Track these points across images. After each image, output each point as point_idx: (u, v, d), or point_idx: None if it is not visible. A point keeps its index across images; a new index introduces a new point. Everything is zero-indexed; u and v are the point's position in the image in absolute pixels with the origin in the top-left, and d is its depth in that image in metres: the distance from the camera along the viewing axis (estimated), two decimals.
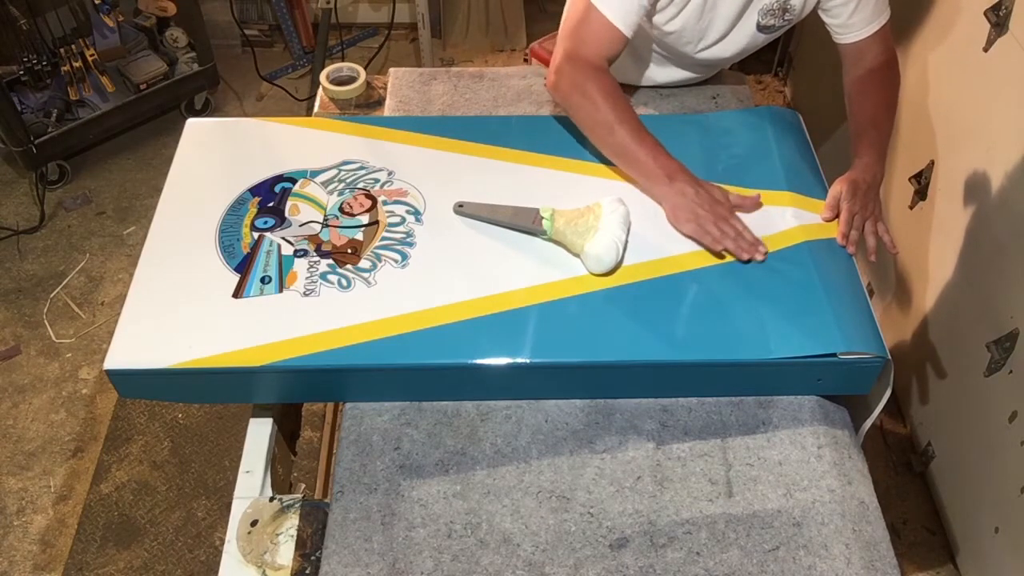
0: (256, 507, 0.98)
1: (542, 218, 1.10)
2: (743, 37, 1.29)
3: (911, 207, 1.77)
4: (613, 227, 1.07)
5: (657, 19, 1.24)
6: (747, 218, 1.14)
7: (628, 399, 1.05)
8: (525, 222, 1.11)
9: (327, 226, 1.13)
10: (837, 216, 1.13)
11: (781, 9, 1.24)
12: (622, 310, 1.03)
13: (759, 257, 1.07)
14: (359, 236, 1.12)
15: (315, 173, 1.21)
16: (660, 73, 1.43)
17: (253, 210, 1.15)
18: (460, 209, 1.15)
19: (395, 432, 1.02)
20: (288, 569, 0.92)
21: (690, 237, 1.11)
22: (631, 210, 1.13)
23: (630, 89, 1.45)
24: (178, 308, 1.03)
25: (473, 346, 0.99)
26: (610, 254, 1.05)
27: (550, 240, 1.11)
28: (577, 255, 1.08)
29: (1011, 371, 1.43)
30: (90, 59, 2.31)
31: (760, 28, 1.27)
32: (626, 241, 1.09)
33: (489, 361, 0.99)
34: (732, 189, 1.18)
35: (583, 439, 1.01)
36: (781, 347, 0.99)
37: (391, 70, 1.51)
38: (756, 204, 1.15)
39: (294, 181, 1.19)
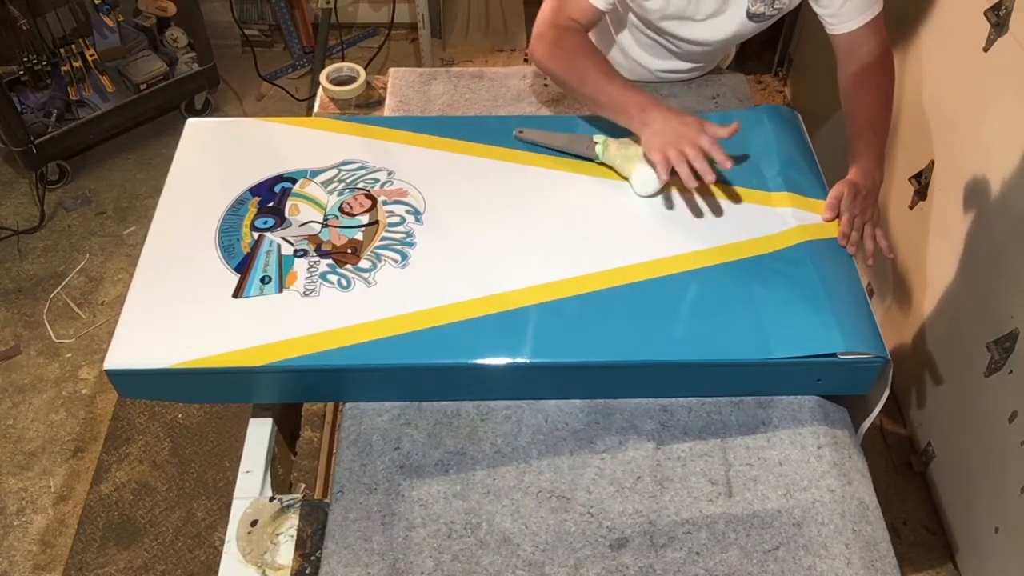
0: (256, 507, 0.98)
1: (595, 143, 1.21)
2: (732, 22, 1.29)
3: (911, 207, 1.77)
4: None
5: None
6: (747, 218, 1.14)
7: (628, 399, 1.05)
8: (580, 148, 1.22)
9: (327, 226, 1.13)
10: (837, 217, 1.14)
11: None
12: (622, 310, 1.03)
13: (709, 178, 1.09)
14: (359, 236, 1.12)
15: (315, 173, 1.21)
16: (653, 63, 1.43)
17: (253, 210, 1.15)
18: (520, 135, 1.25)
19: (395, 432, 1.02)
20: (288, 569, 0.92)
21: (656, 163, 1.12)
22: (630, 210, 1.14)
23: None
24: (178, 308, 1.03)
25: (473, 346, 0.99)
26: (655, 178, 1.14)
27: (602, 164, 1.21)
28: (626, 179, 1.19)
29: (1011, 371, 1.43)
30: (90, 59, 2.31)
31: (750, 16, 1.27)
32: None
33: (489, 361, 0.99)
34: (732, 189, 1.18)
35: (583, 439, 1.01)
36: (781, 347, 0.99)
37: (391, 70, 1.51)
38: (732, 131, 1.12)
39: (294, 181, 1.19)
